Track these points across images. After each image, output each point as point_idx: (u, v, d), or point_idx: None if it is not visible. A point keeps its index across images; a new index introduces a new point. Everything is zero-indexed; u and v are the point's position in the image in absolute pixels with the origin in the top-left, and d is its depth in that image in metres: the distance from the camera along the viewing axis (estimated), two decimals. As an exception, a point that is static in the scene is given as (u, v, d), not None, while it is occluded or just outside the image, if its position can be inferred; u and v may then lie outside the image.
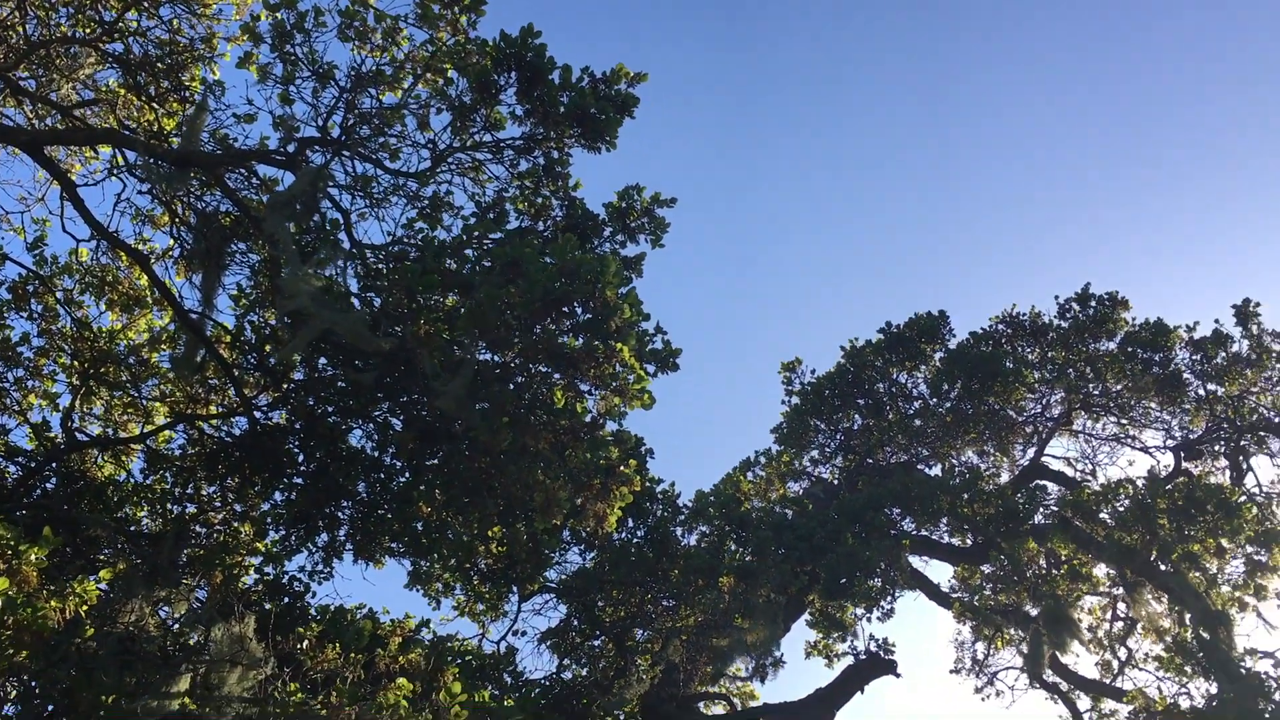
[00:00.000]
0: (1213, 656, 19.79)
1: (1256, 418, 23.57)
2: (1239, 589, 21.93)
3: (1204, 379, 23.85)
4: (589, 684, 20.80)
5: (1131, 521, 21.26)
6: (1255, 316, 23.18)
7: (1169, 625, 22.16)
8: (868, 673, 22.99)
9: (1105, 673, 25.25)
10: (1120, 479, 24.00)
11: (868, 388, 27.27)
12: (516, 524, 15.08)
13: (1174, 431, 25.03)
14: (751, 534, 22.37)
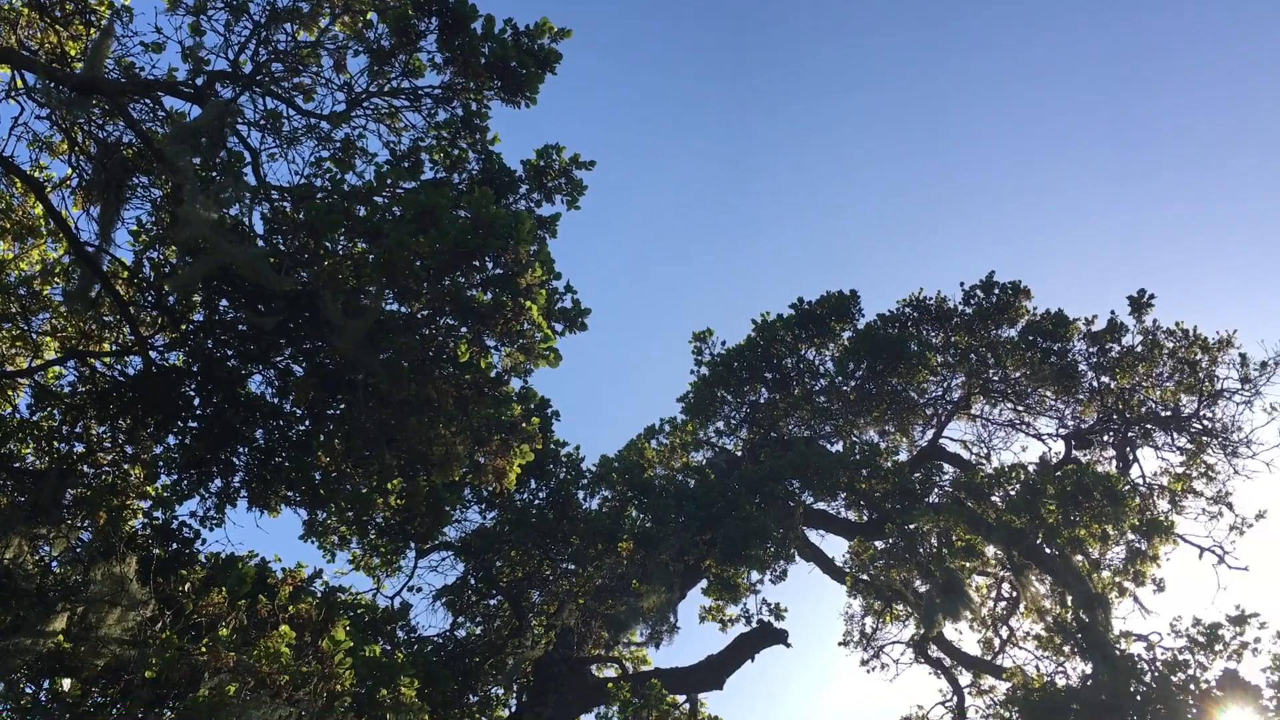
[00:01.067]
0: (1090, 638, 20.47)
1: (1145, 410, 24.35)
2: (1119, 574, 22.70)
3: (1098, 371, 24.55)
4: (483, 643, 20.78)
5: (1021, 505, 21.84)
6: (1149, 308, 23.86)
7: (1051, 606, 22.85)
8: (759, 642, 23.34)
9: (987, 650, 25.99)
10: (1013, 464, 24.66)
11: (776, 362, 27.52)
12: (416, 478, 14.90)
13: (1066, 420, 25.76)
14: (653, 500, 22.49)
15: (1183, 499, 24.57)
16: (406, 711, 12.58)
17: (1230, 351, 23.22)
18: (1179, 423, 23.97)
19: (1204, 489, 24.47)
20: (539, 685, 20.00)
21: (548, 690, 19.82)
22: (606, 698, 19.90)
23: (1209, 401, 23.53)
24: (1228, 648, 19.62)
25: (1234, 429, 23.31)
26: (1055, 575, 21.68)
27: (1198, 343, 23.48)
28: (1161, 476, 25.01)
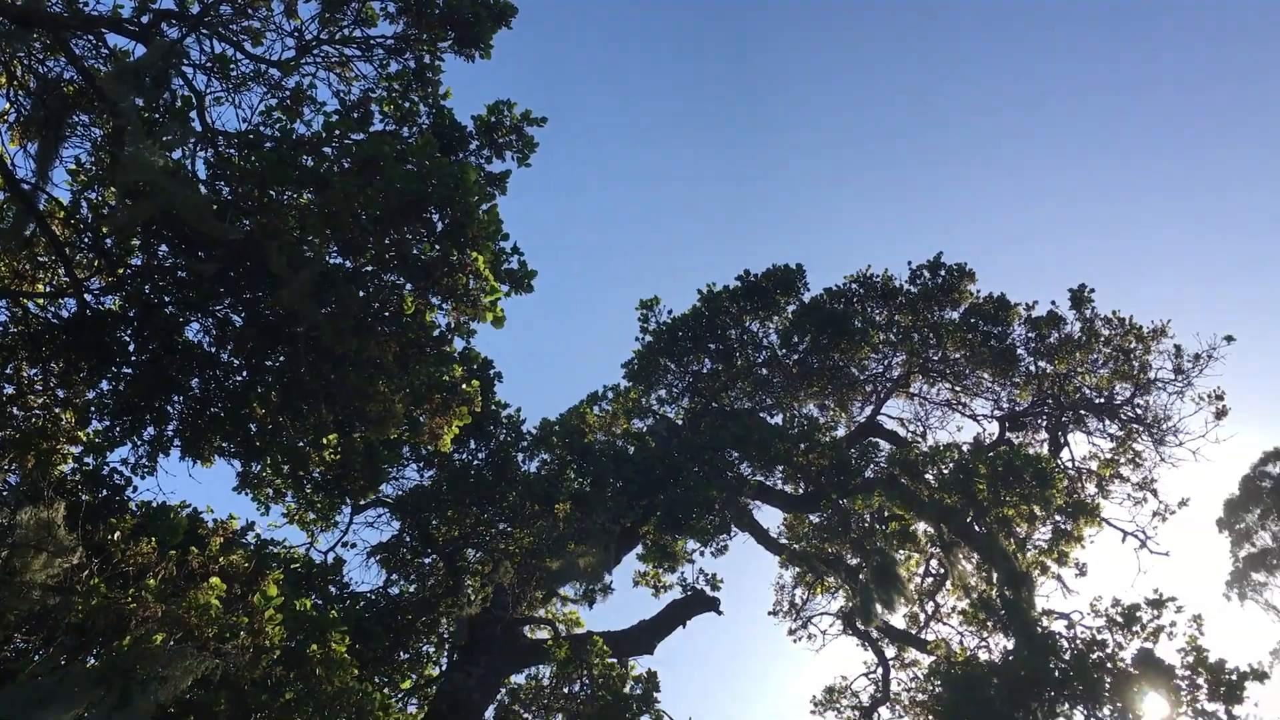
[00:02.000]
0: (1013, 615, 20.93)
1: (1079, 396, 24.82)
2: (1044, 554, 23.20)
3: (1036, 356, 24.96)
4: (416, 601, 20.76)
5: (954, 484, 22.21)
6: (1089, 301, 24.31)
7: (977, 583, 23.32)
8: (691, 608, 23.58)
9: (913, 624, 26.52)
10: (948, 443, 25.05)
11: (720, 333, 27.63)
12: (353, 434, 14.80)
13: (1002, 403, 26.19)
14: (592, 464, 22.56)
15: (1110, 484, 25.13)
16: (336, 666, 12.56)
17: (1164, 341, 23.73)
18: (1111, 410, 24.48)
19: (1131, 475, 25.05)
20: (471, 644, 20.04)
21: (480, 649, 19.87)
22: (543, 656, 19.99)
23: (1141, 390, 24.04)
24: (1145, 629, 20.13)
25: (1164, 418, 23.89)
26: (983, 553, 22.11)
27: (1133, 332, 23.96)
28: (1091, 461, 25.57)
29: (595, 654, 19.35)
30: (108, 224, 14.01)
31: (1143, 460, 24.69)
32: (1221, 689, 19.25)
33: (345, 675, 13.32)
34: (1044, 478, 21.61)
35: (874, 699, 26.40)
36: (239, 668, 10.26)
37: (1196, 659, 19.59)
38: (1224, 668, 19.38)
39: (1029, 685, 19.15)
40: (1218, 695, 19.30)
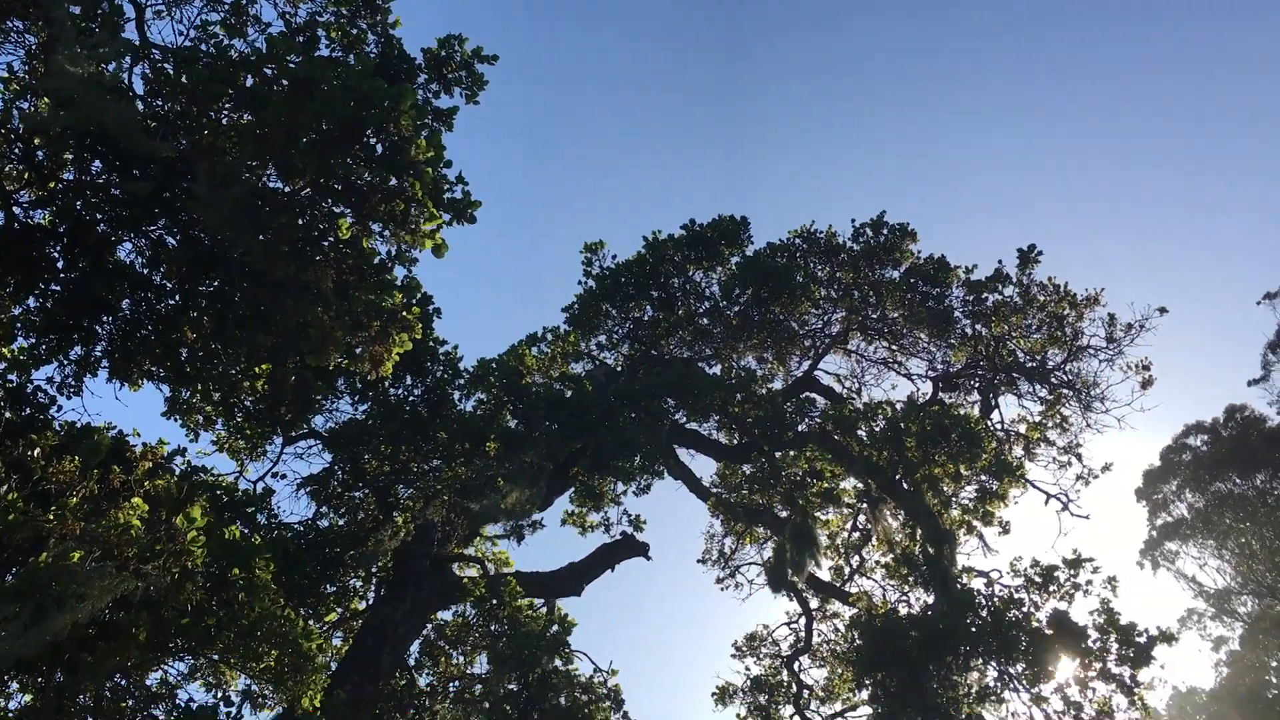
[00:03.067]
0: (935, 571, 21.37)
1: (1011, 360, 25.23)
2: (969, 513, 23.66)
3: (973, 318, 25.29)
4: (345, 534, 20.68)
5: (884, 441, 22.53)
6: (1035, 263, 24.61)
7: (901, 539, 23.76)
8: (620, 553, 23.80)
9: (837, 577, 26.96)
10: (881, 401, 25.39)
11: (663, 281, 27.62)
12: (288, 362, 14.61)
13: (937, 363, 26.54)
14: (527, 405, 22.53)
15: (1036, 447, 25.63)
16: (260, 594, 12.50)
17: (1097, 309, 24.15)
18: (1042, 374, 24.92)
19: (1057, 439, 25.57)
20: (398, 579, 20.06)
21: (407, 584, 19.89)
22: (465, 594, 20.08)
23: (1072, 356, 24.49)
24: (1061, 589, 20.67)
25: (1092, 385, 24.36)
26: (908, 510, 22.51)
27: (1067, 299, 24.35)
28: (1019, 424, 26.04)
29: (510, 594, 19.47)
30: (29, 125, 13.56)
31: (1070, 425, 25.21)
32: (1131, 651, 19.86)
33: (269, 603, 13.26)
34: (972, 438, 21.99)
35: (795, 648, 26.87)
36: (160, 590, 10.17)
37: (1108, 621, 20.17)
38: (1134, 630, 19.98)
39: (945, 640, 19.61)
40: (1127, 658, 19.92)
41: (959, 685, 19.81)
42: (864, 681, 21.12)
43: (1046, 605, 20.50)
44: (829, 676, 26.40)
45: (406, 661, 20.35)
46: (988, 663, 19.97)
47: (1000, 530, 24.64)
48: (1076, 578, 20.74)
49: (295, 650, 13.11)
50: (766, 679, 26.89)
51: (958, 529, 23.23)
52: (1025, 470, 24.73)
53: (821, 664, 26.91)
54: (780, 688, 26.76)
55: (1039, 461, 25.76)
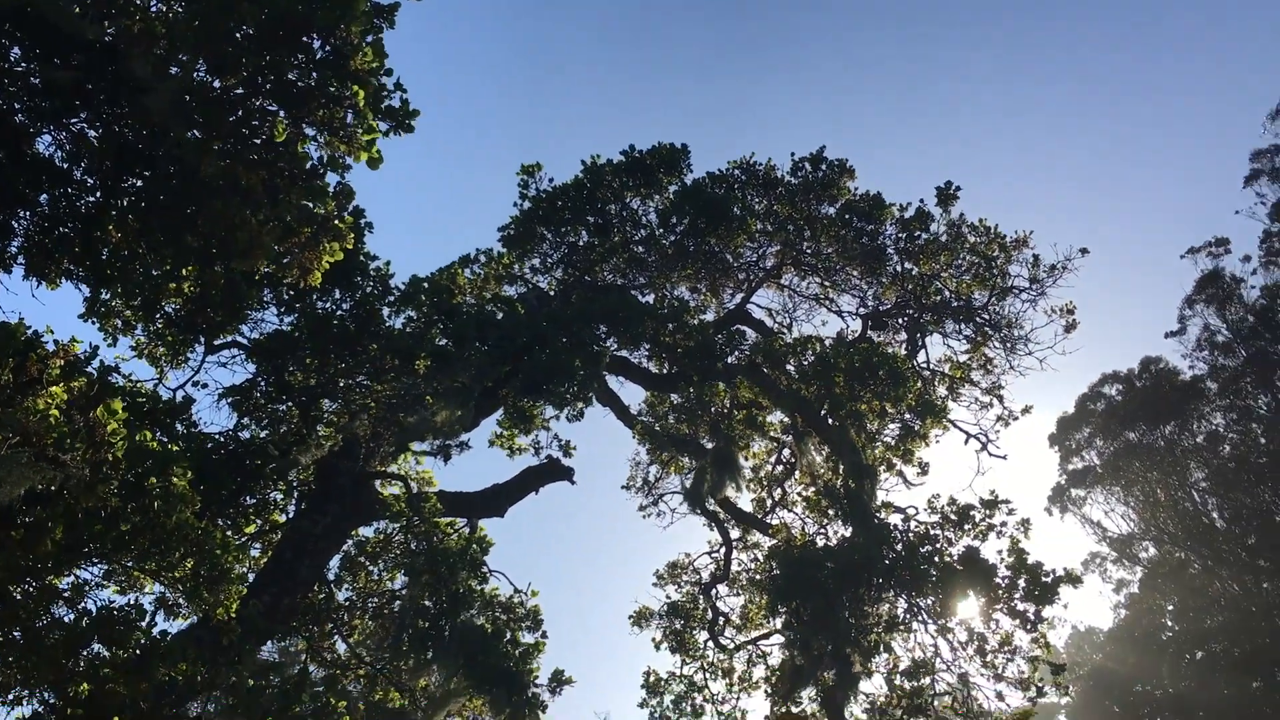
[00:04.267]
0: (854, 506, 21.76)
1: (939, 299, 25.55)
2: (891, 450, 24.08)
3: (904, 256, 25.52)
4: (267, 446, 20.38)
5: (812, 376, 22.76)
6: (954, 199, 24.82)
7: (824, 473, 24.14)
8: (545, 476, 23.85)
9: (760, 509, 27.36)
10: (811, 336, 25.58)
11: (600, 207, 27.38)
12: (213, 266, 14.20)
13: (867, 300, 26.80)
14: (458, 325, 22.31)
15: (960, 387, 26.12)
16: (176, 500, 12.28)
17: (1024, 251, 24.54)
18: (968, 314, 25.29)
19: (980, 380, 26.08)
20: (320, 493, 19.88)
21: (329, 499, 19.73)
22: (387, 511, 20.00)
23: (998, 297, 24.88)
24: (975, 527, 21.19)
25: (1016, 326, 24.81)
26: (832, 444, 22.83)
27: (996, 240, 24.66)
28: (944, 364, 26.48)
29: (429, 510, 19.44)
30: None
31: (993, 367, 25.69)
32: (1036, 590, 20.48)
33: (186, 511, 13.06)
34: (898, 377, 22.30)
35: (714, 576, 27.31)
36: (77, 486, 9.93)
37: (1017, 560, 20.75)
38: (1041, 570, 20.59)
39: (860, 572, 20.05)
40: (1032, 596, 20.54)
41: (870, 615, 20.33)
42: (778, 609, 21.52)
43: (960, 542, 21.02)
44: (745, 604, 26.92)
45: (325, 575, 20.29)
46: (899, 595, 20.48)
47: (920, 469, 25.17)
48: (991, 518, 21.26)
49: (212, 559, 12.96)
50: (683, 605, 27.34)
51: (879, 465, 23.65)
52: (948, 410, 25.23)
53: (739, 592, 27.41)
54: (696, 614, 27.24)
55: (962, 402, 26.29)
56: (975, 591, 20.68)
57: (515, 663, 18.62)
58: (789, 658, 22.21)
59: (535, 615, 21.39)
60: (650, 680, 27.31)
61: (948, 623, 20.83)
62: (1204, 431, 69.84)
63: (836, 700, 21.27)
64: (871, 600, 20.44)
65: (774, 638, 25.76)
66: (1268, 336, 65.78)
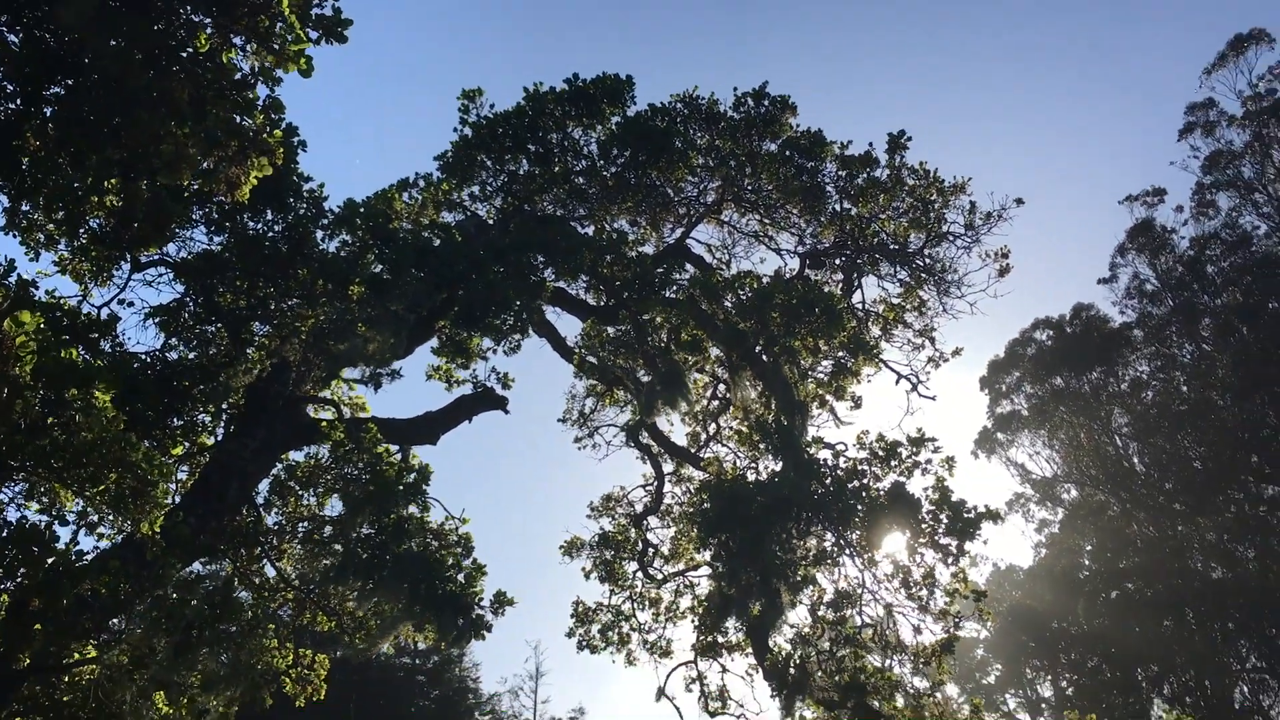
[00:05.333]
0: (785, 440, 22.03)
1: (877, 241, 25.72)
2: (823, 387, 24.37)
3: (843, 196, 25.59)
4: (195, 367, 20.06)
5: (749, 311, 22.86)
6: (904, 148, 24.93)
7: (757, 408, 24.36)
8: (478, 405, 23.78)
9: (693, 443, 27.61)
10: (749, 272, 25.65)
11: (541, 135, 27.04)
12: (138, 179, 13.83)
13: (806, 239, 26.87)
14: (394, 251, 22.02)
15: (893, 328, 26.41)
16: (98, 416, 12.07)
17: (962, 197, 24.75)
18: (904, 257, 25.52)
19: (914, 322, 26.39)
20: (249, 416, 19.64)
21: (259, 422, 19.52)
22: (319, 436, 19.84)
23: (934, 241, 25.11)
24: (902, 464, 21.58)
25: (950, 270, 25.09)
26: (766, 380, 23.03)
27: (935, 185, 24.83)
28: (879, 305, 26.73)
29: (370, 439, 19.33)
30: None
31: (926, 309, 26.00)
32: (959, 525, 20.98)
33: (109, 427, 12.85)
34: (834, 315, 22.48)
35: (645, 508, 27.60)
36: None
37: (941, 496, 21.20)
38: (964, 507, 21.08)
39: (788, 505, 20.35)
40: (954, 531, 21.05)
41: (798, 548, 20.70)
42: (708, 542, 21.83)
43: (887, 478, 21.41)
44: (675, 537, 27.27)
45: (254, 499, 20.13)
46: (826, 529, 20.86)
47: (852, 406, 25.52)
48: (918, 455, 21.66)
49: (136, 475, 12.78)
50: (614, 536, 27.63)
51: (811, 402, 23.92)
52: (880, 350, 25.53)
53: (669, 525, 27.75)
54: (627, 544, 27.55)
55: (894, 342, 26.60)
56: (900, 526, 21.12)
57: (460, 587, 18.71)
58: (717, 589, 22.58)
59: (467, 543, 21.46)
60: (579, 609, 27.69)
61: (873, 556, 21.29)
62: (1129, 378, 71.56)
63: (762, 631, 21.72)
64: (799, 533, 20.81)
65: (702, 569, 26.16)
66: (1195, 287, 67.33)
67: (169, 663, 14.97)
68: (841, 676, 20.92)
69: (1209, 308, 67.49)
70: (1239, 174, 67.32)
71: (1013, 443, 75.61)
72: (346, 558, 18.11)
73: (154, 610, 14.80)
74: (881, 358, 25.20)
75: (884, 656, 22.28)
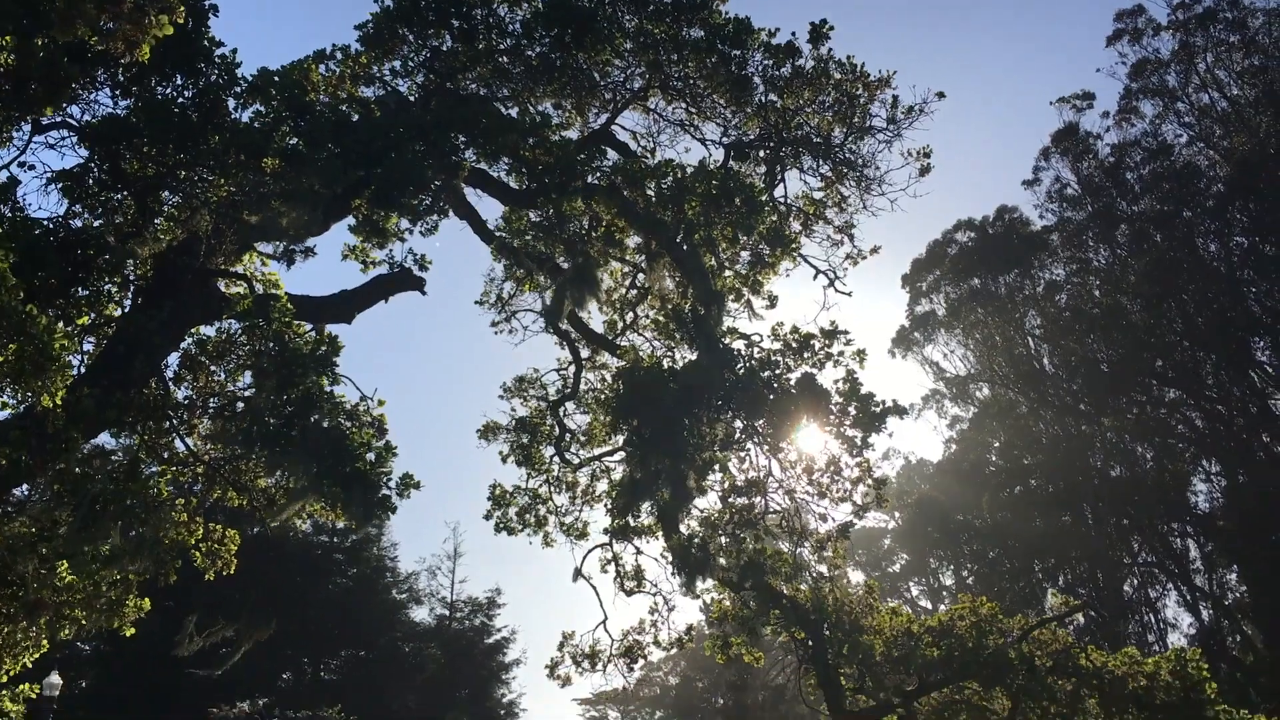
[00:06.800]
0: (701, 330, 22.26)
1: (800, 134, 25.68)
2: (740, 279, 24.55)
3: (769, 87, 25.39)
4: (100, 236, 19.53)
5: (670, 199, 22.81)
6: (826, 38, 24.70)
7: (674, 297, 24.52)
8: (395, 285, 23.54)
9: (610, 330, 27.74)
10: (672, 161, 25.50)
11: (465, 10, 26.27)
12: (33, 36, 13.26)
13: (731, 130, 26.68)
14: (310, 124, 21.46)
15: (814, 223, 26.57)
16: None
17: (886, 92, 24.72)
18: (827, 151, 25.53)
19: (834, 218, 26.55)
20: (157, 288, 19.26)
21: (167, 294, 19.15)
22: (230, 310, 19.53)
23: (857, 136, 25.14)
24: (814, 355, 21.98)
25: (872, 165, 25.20)
26: (684, 269, 23.12)
27: (861, 79, 24.73)
28: (801, 200, 26.81)
29: (278, 312, 19.09)
30: None
31: (847, 205, 26.16)
32: (866, 418, 21.55)
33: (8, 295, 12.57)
34: (754, 206, 22.53)
35: (562, 394, 27.80)
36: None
37: (851, 389, 21.69)
38: (872, 399, 21.61)
39: (700, 393, 20.67)
40: (861, 423, 21.61)
41: (708, 435, 21.09)
42: (621, 427, 22.14)
43: (799, 369, 21.81)
44: (591, 422, 27.56)
45: (163, 372, 19.84)
46: (737, 417, 21.27)
47: (768, 303, 25.72)
48: (830, 348, 22.07)
49: (36, 344, 12.56)
50: (531, 420, 27.86)
51: (728, 292, 24.13)
52: (800, 245, 25.71)
53: (586, 411, 28.02)
54: (544, 429, 27.81)
55: (814, 238, 26.77)
56: (809, 416, 21.61)
57: (368, 465, 18.74)
58: (629, 474, 22.98)
59: (381, 423, 21.41)
60: (496, 493, 28.02)
61: (780, 445, 21.80)
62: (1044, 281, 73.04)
63: (672, 515, 22.24)
64: (710, 421, 21.17)
65: (617, 455, 26.55)
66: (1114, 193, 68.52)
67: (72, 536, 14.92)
68: (742, 558, 21.60)
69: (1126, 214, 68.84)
70: (1164, 83, 68.12)
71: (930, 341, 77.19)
72: (251, 427, 18.00)
73: (57, 483, 14.69)
74: (801, 253, 25.42)
75: (789, 543, 23.03)
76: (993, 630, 24.00)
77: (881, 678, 24.23)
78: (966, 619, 24.35)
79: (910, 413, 22.51)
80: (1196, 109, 68.13)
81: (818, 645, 23.09)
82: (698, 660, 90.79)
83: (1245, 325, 64.27)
